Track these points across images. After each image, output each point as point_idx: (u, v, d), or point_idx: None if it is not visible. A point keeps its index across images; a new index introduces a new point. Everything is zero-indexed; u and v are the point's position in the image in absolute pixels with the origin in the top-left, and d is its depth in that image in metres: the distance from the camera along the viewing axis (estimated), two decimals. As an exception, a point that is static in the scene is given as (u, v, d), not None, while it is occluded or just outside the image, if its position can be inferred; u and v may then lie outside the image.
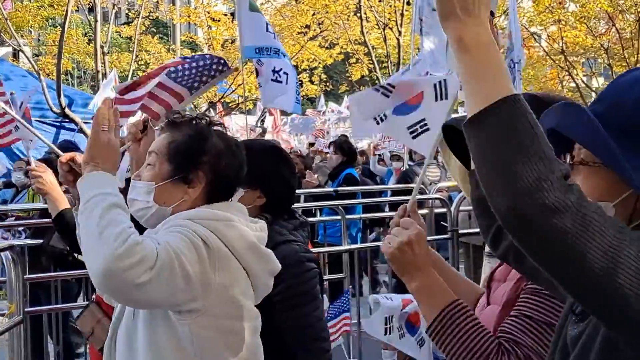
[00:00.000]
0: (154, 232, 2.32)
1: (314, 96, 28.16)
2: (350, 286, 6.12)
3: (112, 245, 2.04)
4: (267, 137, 15.78)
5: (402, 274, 2.18)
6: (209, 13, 23.94)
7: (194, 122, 2.46)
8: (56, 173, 2.79)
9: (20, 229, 7.14)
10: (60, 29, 16.68)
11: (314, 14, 22.57)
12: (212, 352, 2.28)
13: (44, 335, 5.99)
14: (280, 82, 7.16)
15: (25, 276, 3.97)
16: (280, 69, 7.19)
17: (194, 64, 4.31)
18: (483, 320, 2.22)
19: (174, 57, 24.10)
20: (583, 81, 22.75)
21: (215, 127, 2.49)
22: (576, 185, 1.34)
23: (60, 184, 2.91)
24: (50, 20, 26.41)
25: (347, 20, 22.16)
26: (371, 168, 12.71)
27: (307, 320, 2.92)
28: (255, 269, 2.39)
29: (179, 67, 4.27)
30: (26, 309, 3.93)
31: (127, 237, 2.07)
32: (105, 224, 2.09)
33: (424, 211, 7.00)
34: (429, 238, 8.23)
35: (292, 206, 3.14)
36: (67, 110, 13.47)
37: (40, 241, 6.19)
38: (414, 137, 2.92)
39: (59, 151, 4.24)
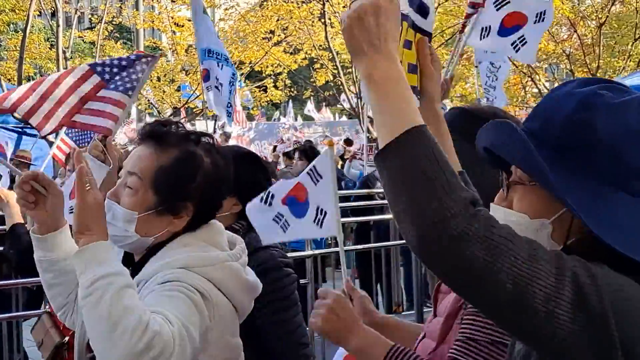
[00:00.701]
0: (149, 288, 2.12)
1: (279, 101, 28.15)
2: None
3: (130, 340, 1.84)
4: (231, 142, 15.76)
5: (338, 341, 2.17)
6: (172, 18, 23.84)
7: (182, 138, 2.25)
8: None
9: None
10: (22, 34, 16.50)
11: (278, 20, 22.57)
12: None
13: (2, 344, 5.94)
14: (219, 90, 7.45)
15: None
16: (218, 79, 7.49)
17: (121, 65, 4.29)
18: (430, 332, 2.23)
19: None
20: (545, 87, 22.99)
21: (203, 140, 2.29)
22: (484, 210, 1.36)
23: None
24: (11, 25, 26.11)
25: (312, 25, 22.18)
26: (345, 172, 12.72)
27: (288, 326, 2.91)
28: (244, 304, 2.31)
29: (107, 74, 4.22)
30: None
31: (145, 327, 1.87)
32: (119, 314, 1.87)
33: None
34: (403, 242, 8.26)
35: None
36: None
37: (1, 248, 6.11)
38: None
39: (15, 169, 4.18)
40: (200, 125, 20.50)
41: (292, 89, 27.98)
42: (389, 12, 1.54)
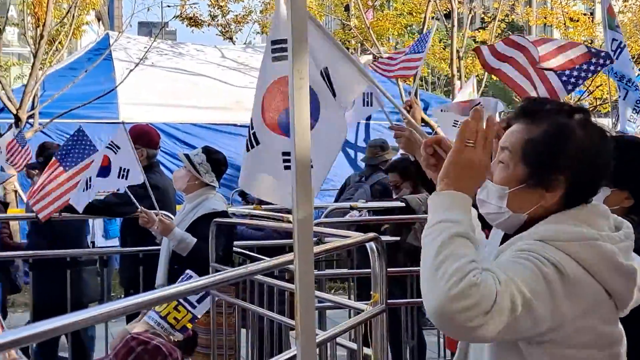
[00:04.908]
0: (505, 253, 2.12)
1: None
2: None
3: (446, 284, 1.90)
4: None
5: None
6: (567, 13, 23.24)
7: (554, 112, 2.18)
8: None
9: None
10: (418, 36, 17.20)
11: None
12: None
13: (401, 329, 6.25)
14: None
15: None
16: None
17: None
18: None
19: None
20: None
21: (577, 116, 2.17)
22: None
23: None
24: (408, 28, 27.41)
25: None
26: None
27: None
28: (619, 289, 2.09)
29: None
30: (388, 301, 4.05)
31: (464, 275, 1.90)
32: (443, 258, 1.95)
33: None
34: None
35: None
36: (422, 115, 13.85)
37: (398, 238, 6.47)
38: None
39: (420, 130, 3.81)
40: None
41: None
42: None
